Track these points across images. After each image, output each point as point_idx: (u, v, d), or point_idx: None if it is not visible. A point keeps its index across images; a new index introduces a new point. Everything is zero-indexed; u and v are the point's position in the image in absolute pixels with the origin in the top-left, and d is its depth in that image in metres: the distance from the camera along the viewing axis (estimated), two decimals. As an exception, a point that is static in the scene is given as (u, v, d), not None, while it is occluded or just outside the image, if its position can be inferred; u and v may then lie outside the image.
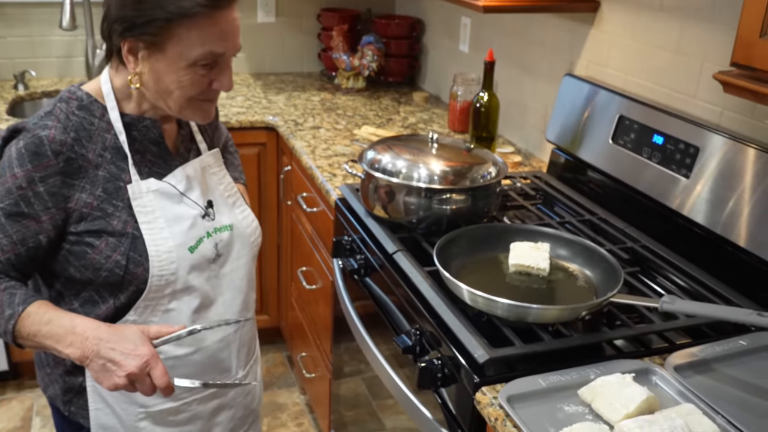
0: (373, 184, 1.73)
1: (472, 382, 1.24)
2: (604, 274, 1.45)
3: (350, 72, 3.12)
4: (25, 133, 1.25)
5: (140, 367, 1.18)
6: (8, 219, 1.25)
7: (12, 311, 1.23)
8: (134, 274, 1.31)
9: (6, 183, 1.25)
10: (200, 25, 1.21)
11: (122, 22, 1.22)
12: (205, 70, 1.26)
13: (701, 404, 1.17)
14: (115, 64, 1.30)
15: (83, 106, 1.30)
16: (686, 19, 1.73)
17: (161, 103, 1.30)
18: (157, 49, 1.23)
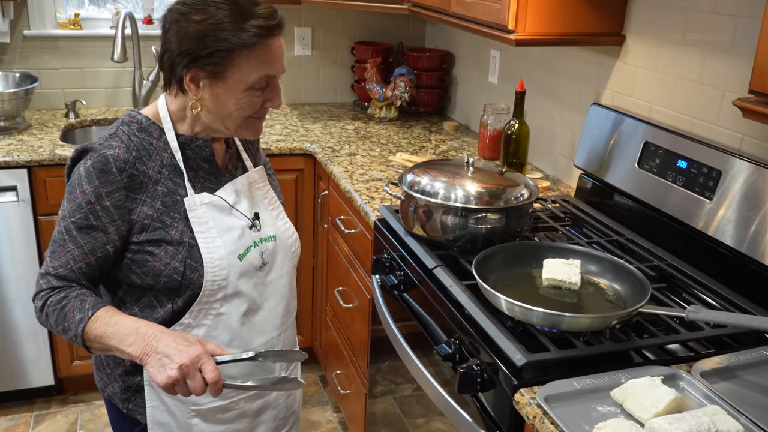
0: (412, 205, 1.84)
1: (511, 384, 1.34)
2: (632, 288, 1.55)
3: (383, 102, 3.26)
4: (92, 153, 1.38)
5: (192, 360, 1.26)
6: (79, 232, 1.38)
7: (82, 315, 1.34)
8: (190, 279, 1.43)
9: (76, 199, 1.37)
10: (257, 54, 1.36)
11: (186, 56, 1.35)
12: (259, 92, 1.41)
13: (726, 406, 1.26)
14: (174, 91, 1.43)
15: (143, 128, 1.44)
16: (707, 51, 1.84)
17: (219, 124, 1.44)
18: (219, 77, 1.37)
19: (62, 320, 1.35)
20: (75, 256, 1.38)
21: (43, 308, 1.38)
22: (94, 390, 3.02)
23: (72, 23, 3.24)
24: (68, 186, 1.41)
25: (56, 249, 1.39)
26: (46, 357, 2.86)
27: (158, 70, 3.23)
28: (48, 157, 2.63)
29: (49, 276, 1.39)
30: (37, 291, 1.39)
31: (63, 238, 1.38)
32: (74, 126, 3.14)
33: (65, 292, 1.37)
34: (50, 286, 1.38)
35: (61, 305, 1.36)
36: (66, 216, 1.38)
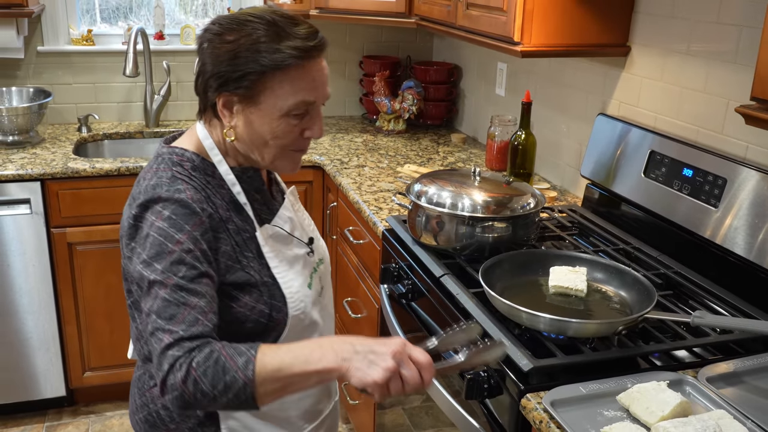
0: (420, 214, 1.86)
1: (517, 389, 1.35)
2: (638, 295, 1.56)
3: (391, 115, 3.29)
4: (164, 203, 1.24)
5: (401, 347, 1.14)
6: (193, 283, 1.21)
7: (246, 357, 1.15)
8: (276, 320, 1.34)
9: (172, 253, 1.21)
10: (292, 77, 1.25)
11: (218, 78, 1.26)
12: (297, 119, 1.29)
13: (732, 410, 1.26)
14: (209, 118, 1.34)
15: (196, 167, 1.32)
16: (712, 61, 1.86)
17: (255, 154, 1.33)
18: (252, 101, 1.26)
19: (221, 374, 1.14)
20: (202, 309, 1.20)
21: (187, 376, 1.14)
22: (105, 401, 3.05)
23: (85, 39, 3.29)
24: (147, 244, 1.22)
25: (175, 312, 1.18)
26: (58, 368, 2.89)
27: (168, 85, 3.28)
28: (61, 170, 2.67)
29: (181, 342, 1.16)
30: (171, 363, 1.15)
31: (177, 297, 1.19)
32: (87, 140, 3.18)
33: (208, 348, 1.16)
34: (186, 350, 1.16)
35: (213, 359, 1.15)
36: (169, 275, 1.20)
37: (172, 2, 3.50)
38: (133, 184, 1.34)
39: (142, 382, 1.42)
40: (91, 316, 2.87)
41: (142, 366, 1.43)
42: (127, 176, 2.75)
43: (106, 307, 2.87)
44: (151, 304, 1.19)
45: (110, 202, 2.76)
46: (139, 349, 1.40)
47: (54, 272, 2.77)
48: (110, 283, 2.83)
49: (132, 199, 1.30)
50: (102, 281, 2.83)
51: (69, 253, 2.76)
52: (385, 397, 1.15)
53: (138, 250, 1.24)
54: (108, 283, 2.83)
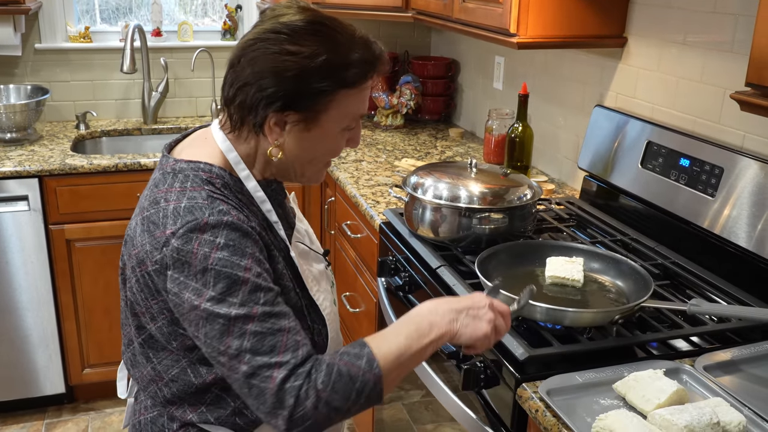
0: (416, 206, 1.86)
1: (514, 379, 1.34)
2: (635, 284, 1.55)
3: (389, 110, 3.29)
4: (213, 230, 1.11)
5: (489, 299, 1.22)
6: (276, 305, 1.12)
7: (366, 357, 1.11)
8: (318, 345, 1.28)
9: (245, 283, 1.10)
10: (356, 93, 1.19)
11: (281, 97, 1.14)
12: (348, 132, 1.25)
13: (729, 398, 1.26)
14: (245, 133, 1.21)
15: (226, 185, 1.20)
16: (708, 51, 1.85)
17: (294, 169, 1.25)
18: (312, 120, 1.18)
19: (351, 383, 1.09)
20: (296, 329, 1.13)
21: (318, 401, 1.07)
22: (104, 398, 3.05)
23: (82, 36, 3.29)
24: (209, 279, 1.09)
25: (274, 342, 1.09)
26: (57, 365, 2.89)
27: (166, 82, 3.28)
28: (59, 166, 2.67)
29: (295, 370, 1.08)
30: (296, 395, 1.07)
31: (269, 326, 1.09)
32: (85, 137, 3.18)
33: (323, 365, 1.10)
34: (304, 376, 1.08)
35: (335, 373, 1.09)
36: (252, 306, 1.09)
37: (171, 1, 3.50)
38: (143, 204, 1.19)
39: (159, 425, 1.28)
40: (90, 313, 2.87)
41: (156, 407, 1.29)
42: (125, 172, 2.75)
43: (105, 303, 2.87)
44: (239, 343, 1.08)
45: (108, 199, 2.76)
46: (153, 392, 1.27)
47: (52, 269, 2.77)
48: (109, 280, 2.83)
49: (152, 225, 1.14)
50: (101, 278, 2.83)
51: (67, 250, 2.76)
52: (486, 348, 1.22)
53: (194, 286, 1.09)
54: (107, 280, 2.83)
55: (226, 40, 3.47)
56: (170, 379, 1.24)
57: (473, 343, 1.19)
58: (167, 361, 1.23)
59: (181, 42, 3.40)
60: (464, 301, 1.20)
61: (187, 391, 1.23)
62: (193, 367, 1.22)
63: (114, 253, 2.80)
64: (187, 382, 1.22)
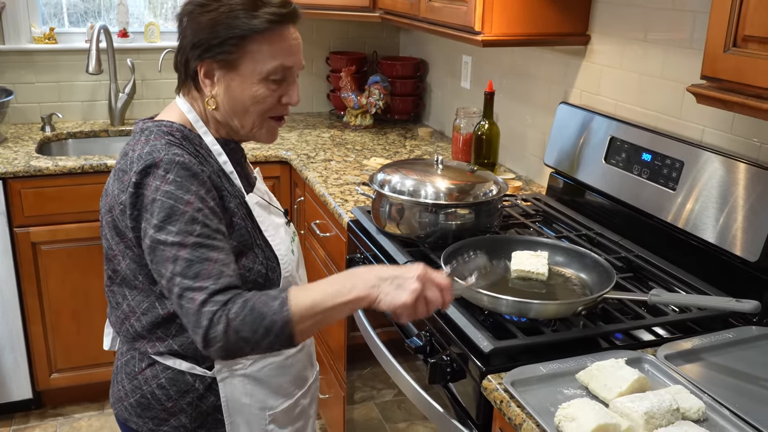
0: (383, 203, 1.87)
1: (479, 371, 1.36)
2: (598, 276, 1.57)
3: (358, 110, 3.29)
4: (165, 165, 1.26)
5: (423, 270, 1.23)
6: (210, 239, 1.25)
7: (279, 300, 1.21)
8: (271, 279, 1.41)
9: (185, 214, 1.24)
10: (270, 40, 1.33)
11: (198, 46, 1.32)
12: (275, 84, 1.36)
13: (689, 386, 1.28)
14: (189, 90, 1.39)
15: (185, 136, 1.36)
16: (668, 48, 1.88)
17: (235, 122, 1.39)
18: (232, 67, 1.33)
19: (260, 319, 1.19)
20: (224, 261, 1.25)
21: (228, 327, 1.18)
22: (73, 403, 3.01)
23: (47, 38, 3.25)
24: (155, 209, 1.24)
25: (199, 269, 1.22)
26: (24, 370, 2.84)
27: (133, 83, 3.25)
28: (23, 168, 2.63)
29: (213, 296, 1.20)
30: (210, 318, 1.19)
31: (198, 255, 1.23)
32: (50, 139, 3.14)
33: (241, 298, 1.21)
34: (221, 304, 1.20)
35: (249, 307, 1.20)
36: (185, 235, 1.23)
37: (139, 3, 3.47)
38: (117, 159, 1.35)
39: (131, 366, 1.43)
40: (57, 317, 2.83)
41: (129, 350, 1.44)
42: (92, 174, 2.72)
43: (73, 306, 2.83)
44: (173, 268, 1.22)
45: (75, 201, 2.73)
46: (126, 330, 1.41)
47: (18, 272, 2.73)
48: (76, 283, 2.80)
49: (121, 172, 1.31)
50: (68, 280, 2.79)
51: (33, 253, 2.72)
52: (412, 318, 1.23)
53: (146, 216, 1.26)
54: (74, 283, 2.80)
55: (193, 40, 3.45)
56: (141, 312, 1.38)
57: (393, 311, 1.23)
58: (139, 297, 1.38)
59: (148, 43, 3.37)
60: (394, 270, 1.24)
61: (155, 322, 1.37)
62: (159, 300, 1.36)
63: (81, 255, 2.77)
64: (155, 313, 1.37)
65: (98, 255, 2.80)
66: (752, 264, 1.55)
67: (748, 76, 1.18)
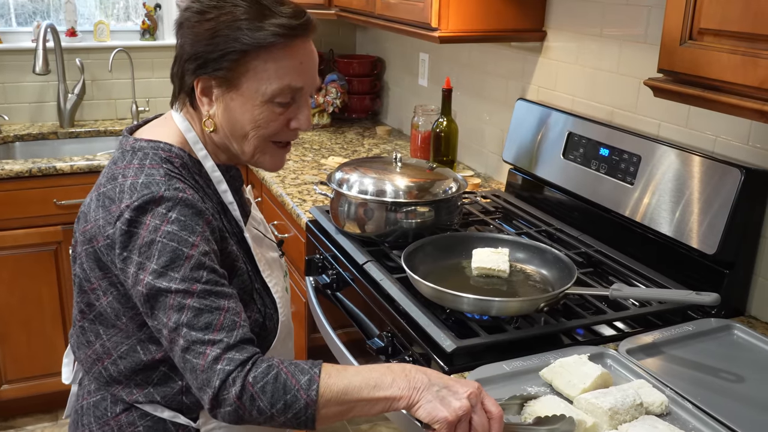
0: (342, 203, 1.84)
1: (442, 371, 1.33)
2: (559, 272, 1.57)
3: (315, 109, 3.26)
4: (167, 203, 1.11)
5: (477, 390, 1.07)
6: (219, 285, 1.11)
7: (309, 376, 1.06)
8: (268, 328, 1.27)
9: (190, 258, 1.09)
10: (276, 57, 1.15)
11: (195, 59, 1.16)
12: (281, 107, 1.19)
13: (651, 380, 1.28)
14: (186, 107, 1.24)
15: (185, 165, 1.20)
16: (624, 43, 1.89)
17: (235, 146, 1.23)
18: (232, 85, 1.17)
19: (282, 392, 1.05)
20: (235, 310, 1.11)
21: (243, 392, 1.05)
22: (25, 415, 2.91)
23: (-9, 37, 3.14)
24: (154, 252, 1.09)
25: (210, 319, 1.08)
26: (-28, 382, 2.74)
27: (83, 84, 3.16)
28: (-34, 173, 2.54)
29: (228, 352, 1.06)
30: (223, 379, 1.05)
31: (208, 303, 1.08)
32: (-4, 142, 3.04)
33: (265, 363, 1.07)
34: (238, 364, 1.06)
35: (272, 375, 1.06)
36: (192, 282, 1.09)
37: (90, 2, 3.38)
38: (101, 181, 1.18)
39: (102, 408, 1.26)
40: (6, 326, 2.73)
41: (98, 390, 1.27)
42: (40, 178, 2.64)
43: (23, 316, 2.74)
44: (178, 317, 1.07)
45: (22, 206, 2.64)
46: (98, 372, 1.25)
47: (-37, 281, 2.63)
48: (26, 291, 2.71)
49: (108, 200, 1.14)
50: (17, 289, 2.70)
51: (-21, 261, 2.63)
52: None
53: (139, 260, 1.09)
54: (24, 291, 2.70)
55: (145, 39, 3.38)
56: (119, 356, 1.22)
57: (429, 422, 1.06)
58: (117, 338, 1.22)
59: (97, 42, 3.28)
60: (447, 380, 1.08)
61: (135, 369, 1.22)
62: (142, 344, 1.20)
63: (30, 263, 2.68)
64: (136, 359, 1.21)
65: (49, 262, 2.71)
66: (710, 257, 1.56)
67: (705, 69, 1.18)
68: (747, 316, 1.59)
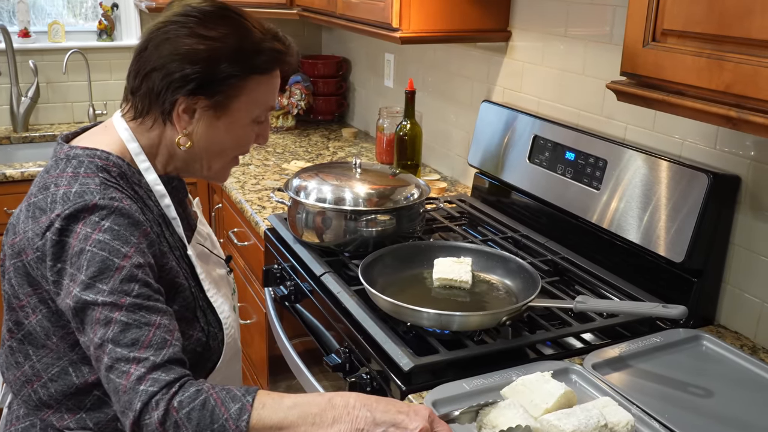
0: (300, 211, 1.76)
1: (400, 391, 1.27)
2: (523, 282, 1.51)
3: (279, 111, 3.17)
4: (101, 212, 1.05)
5: (429, 421, 0.99)
6: (151, 300, 1.05)
7: (240, 404, 0.98)
8: (212, 348, 1.22)
9: (121, 269, 1.03)
10: (267, 80, 1.18)
11: (191, 80, 1.11)
12: (258, 126, 1.22)
13: (618, 397, 1.22)
14: (151, 122, 1.17)
15: (123, 174, 1.14)
16: (589, 43, 1.84)
17: (201, 163, 1.20)
18: (222, 107, 1.15)
19: (209, 421, 0.97)
20: (167, 327, 1.03)
21: (166, 417, 0.96)
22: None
23: (-61, 38, 3.01)
24: (83, 263, 1.02)
25: (137, 336, 1.00)
26: None
27: (37, 86, 3.05)
28: None
29: (153, 372, 0.98)
30: (145, 402, 0.97)
31: (137, 318, 1.01)
32: (-55, 148, 2.92)
33: (193, 387, 0.99)
34: (163, 385, 0.98)
35: (200, 402, 0.97)
36: (121, 295, 1.02)
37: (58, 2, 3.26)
38: (32, 191, 1.12)
39: None
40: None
41: (27, 415, 1.19)
42: (-12, 185, 2.53)
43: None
44: (104, 333, 1.00)
45: (-30, 215, 2.53)
46: (27, 395, 1.17)
47: None
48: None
49: (38, 210, 1.08)
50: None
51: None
52: None
53: (71, 272, 1.03)
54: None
55: (102, 40, 3.27)
56: (49, 378, 1.15)
57: None
58: (47, 359, 1.15)
59: (52, 43, 3.17)
60: (395, 414, 0.99)
61: (67, 393, 1.15)
62: (74, 366, 1.14)
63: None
64: (68, 382, 1.14)
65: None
66: (677, 264, 1.50)
67: (668, 72, 1.12)
68: (716, 326, 1.54)
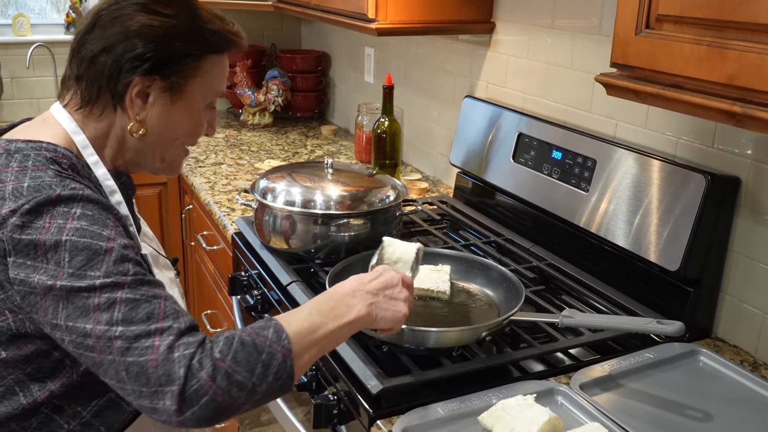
0: (267, 215, 1.64)
1: (367, 415, 1.15)
2: (506, 293, 1.39)
3: (256, 108, 3.04)
4: (68, 201, 0.97)
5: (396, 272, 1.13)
6: (147, 276, 0.98)
7: (272, 328, 0.96)
8: None
9: (109, 253, 0.94)
10: (221, 62, 1.14)
11: (147, 59, 1.05)
12: (210, 113, 1.18)
13: (608, 422, 1.11)
14: (100, 109, 1.09)
15: (74, 166, 1.05)
16: (576, 35, 1.72)
17: (153, 154, 1.14)
18: (178, 89, 1.10)
19: (255, 352, 0.92)
20: (174, 300, 0.98)
21: (216, 371, 0.89)
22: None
23: None
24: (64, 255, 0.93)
25: (150, 309, 0.93)
26: None
27: (0, 82, 2.91)
28: None
29: (182, 338, 0.92)
30: (187, 365, 0.89)
31: (143, 292, 0.94)
32: None
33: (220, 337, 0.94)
34: (197, 345, 0.91)
35: (238, 343, 0.92)
36: (118, 276, 0.94)
37: None
38: None
39: None
40: None
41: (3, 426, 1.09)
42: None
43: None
44: (109, 317, 0.91)
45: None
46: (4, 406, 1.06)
47: None
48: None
49: None
50: None
51: None
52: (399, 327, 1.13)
53: (47, 267, 0.93)
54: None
55: (69, 33, 3.12)
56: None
57: (396, 326, 1.11)
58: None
59: (16, 36, 3.02)
60: (377, 282, 1.10)
61: (11, 414, 1.04)
62: (22, 384, 1.03)
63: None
64: (14, 403, 1.04)
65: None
66: (672, 273, 1.39)
67: (664, 63, 1.00)
68: (714, 339, 1.43)
